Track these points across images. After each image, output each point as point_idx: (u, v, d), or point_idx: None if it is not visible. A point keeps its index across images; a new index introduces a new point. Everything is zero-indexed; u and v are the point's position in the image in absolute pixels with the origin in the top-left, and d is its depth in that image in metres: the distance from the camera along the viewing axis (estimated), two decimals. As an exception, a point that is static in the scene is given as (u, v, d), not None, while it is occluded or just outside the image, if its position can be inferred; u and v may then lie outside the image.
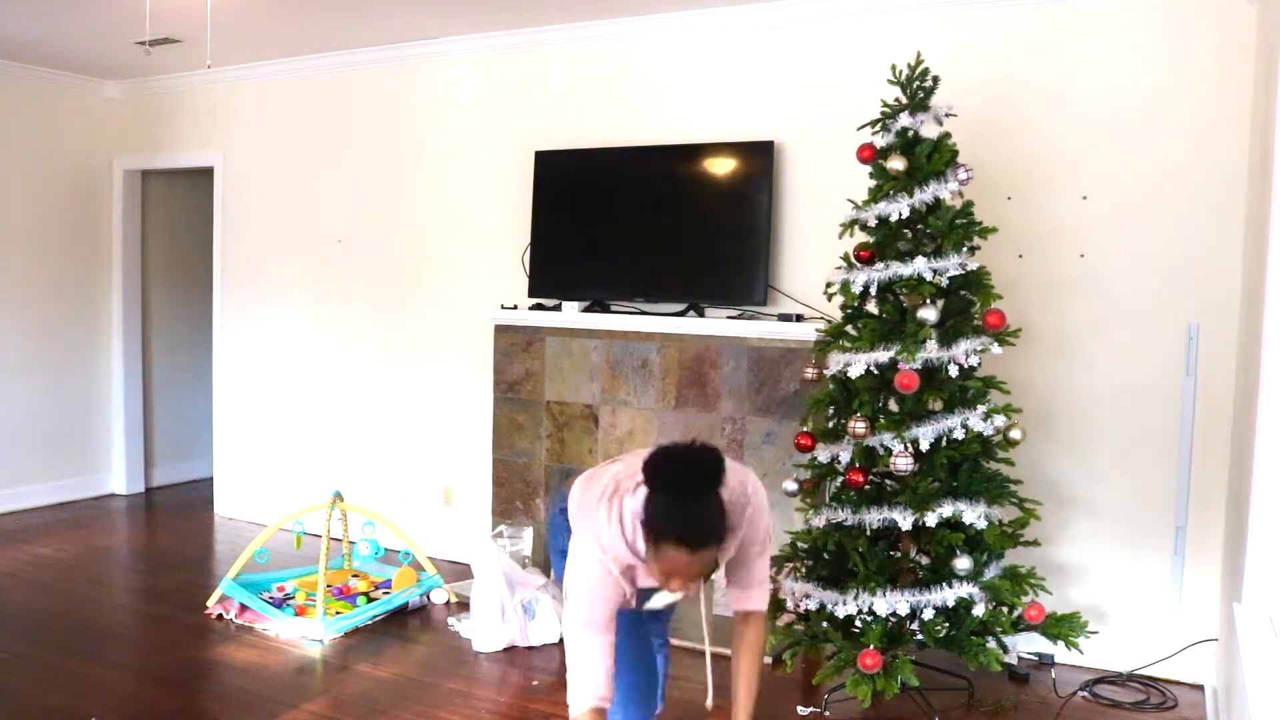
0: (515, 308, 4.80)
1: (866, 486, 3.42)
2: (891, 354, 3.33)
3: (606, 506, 2.14)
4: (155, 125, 6.24)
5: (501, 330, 4.85)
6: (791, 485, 3.68)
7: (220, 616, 4.26)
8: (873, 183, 3.48)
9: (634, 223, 4.61)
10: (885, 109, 3.46)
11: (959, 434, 3.30)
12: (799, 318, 4.19)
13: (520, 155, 4.96)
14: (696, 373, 4.38)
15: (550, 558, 2.70)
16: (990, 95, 3.91)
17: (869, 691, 3.16)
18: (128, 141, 6.35)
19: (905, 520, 3.28)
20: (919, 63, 3.45)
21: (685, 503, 1.97)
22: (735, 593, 2.42)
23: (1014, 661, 3.68)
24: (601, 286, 4.67)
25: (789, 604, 3.51)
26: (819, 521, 3.49)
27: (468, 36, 5.04)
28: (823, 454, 3.54)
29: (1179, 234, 3.69)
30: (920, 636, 3.31)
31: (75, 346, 6.31)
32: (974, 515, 3.29)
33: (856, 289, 3.44)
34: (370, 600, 4.36)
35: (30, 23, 4.90)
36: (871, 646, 3.20)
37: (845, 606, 3.31)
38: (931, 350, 3.31)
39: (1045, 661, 3.85)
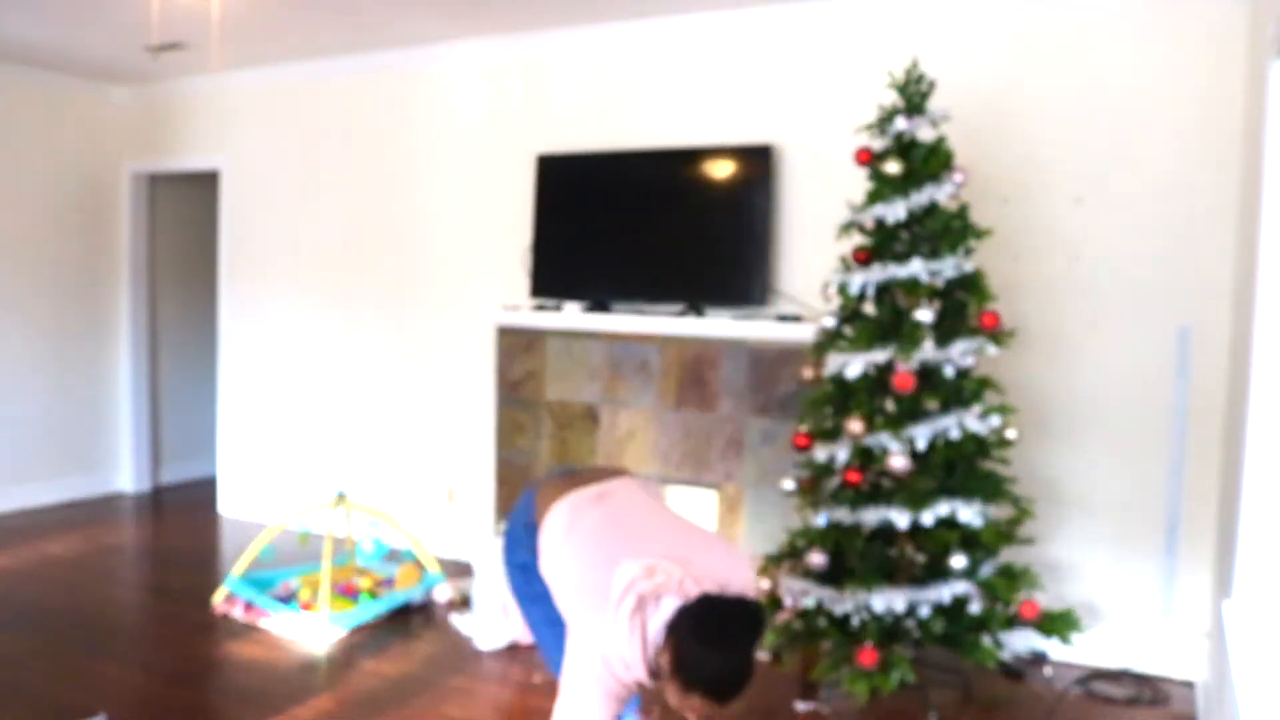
0: (517, 309, 4.85)
1: (864, 486, 3.46)
2: (888, 354, 3.37)
3: (629, 622, 2.04)
4: (162, 129, 6.30)
5: (503, 331, 4.90)
6: (790, 484, 3.72)
7: (226, 614, 4.31)
8: (870, 185, 3.53)
9: (635, 225, 4.66)
10: (882, 113, 3.50)
11: (955, 434, 3.34)
12: (798, 318, 4.23)
13: (522, 159, 5.01)
14: (696, 373, 4.43)
15: (507, 571, 2.57)
16: (986, 99, 3.95)
17: (866, 688, 3.21)
18: (135, 145, 6.41)
19: (902, 519, 3.31)
20: (915, 67, 3.49)
21: (726, 658, 1.97)
22: None
23: (1009, 658, 3.72)
24: (602, 288, 4.72)
25: (787, 601, 3.55)
26: (818, 520, 3.53)
27: (470, 42, 5.09)
28: (820, 453, 3.58)
29: (1171, 235, 3.73)
30: (917, 633, 3.36)
31: (84, 347, 6.37)
32: (970, 514, 3.33)
33: (854, 290, 3.49)
34: (374, 597, 4.41)
35: (40, 28, 4.96)
36: (869, 643, 3.24)
37: (842, 604, 3.35)
38: (928, 351, 3.35)
39: (1040, 658, 3.89)
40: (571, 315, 4.69)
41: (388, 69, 5.41)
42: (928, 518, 3.31)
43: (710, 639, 1.97)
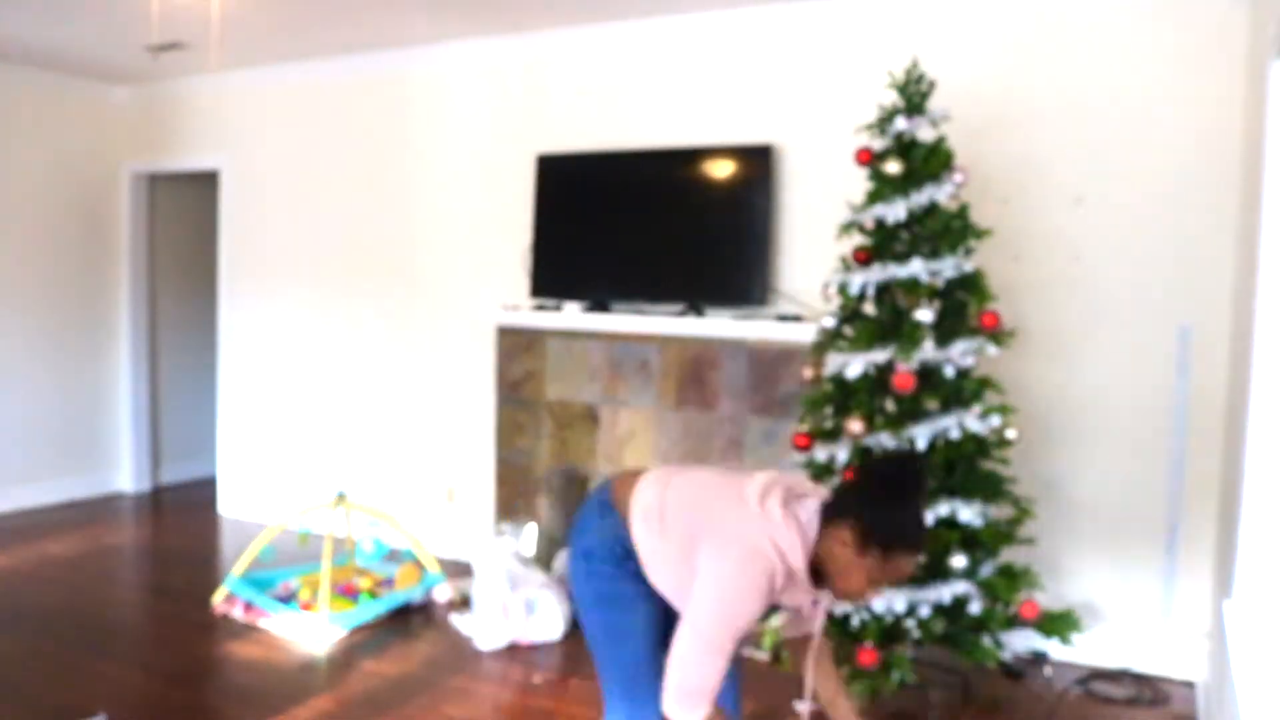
0: (517, 309, 4.85)
1: (863, 485, 3.46)
2: (888, 354, 3.37)
3: (783, 512, 2.03)
4: (162, 129, 6.30)
5: (504, 331, 4.90)
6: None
7: (226, 614, 4.31)
8: (870, 185, 3.53)
9: (635, 225, 4.66)
10: (882, 113, 3.50)
11: (955, 434, 3.34)
12: (798, 318, 4.23)
13: (522, 159, 5.01)
14: (696, 373, 4.43)
15: (576, 569, 2.31)
16: (986, 99, 3.95)
17: (867, 688, 3.20)
18: (135, 145, 6.42)
19: (902, 519, 3.31)
20: (915, 67, 3.49)
21: (916, 507, 2.00)
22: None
23: (1009, 658, 3.71)
24: (602, 288, 4.72)
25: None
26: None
27: (470, 42, 5.10)
28: (820, 453, 3.58)
29: (1171, 235, 3.73)
30: (917, 633, 3.35)
31: (84, 346, 6.38)
32: (970, 514, 3.33)
33: (854, 290, 3.49)
34: (374, 597, 4.41)
35: (40, 28, 4.96)
36: (869, 643, 3.24)
37: (842, 603, 3.35)
38: (928, 351, 3.35)
39: (1040, 658, 3.89)
40: (571, 315, 4.69)
41: (388, 69, 5.41)
42: (927, 518, 3.31)
43: (896, 493, 1.99)
